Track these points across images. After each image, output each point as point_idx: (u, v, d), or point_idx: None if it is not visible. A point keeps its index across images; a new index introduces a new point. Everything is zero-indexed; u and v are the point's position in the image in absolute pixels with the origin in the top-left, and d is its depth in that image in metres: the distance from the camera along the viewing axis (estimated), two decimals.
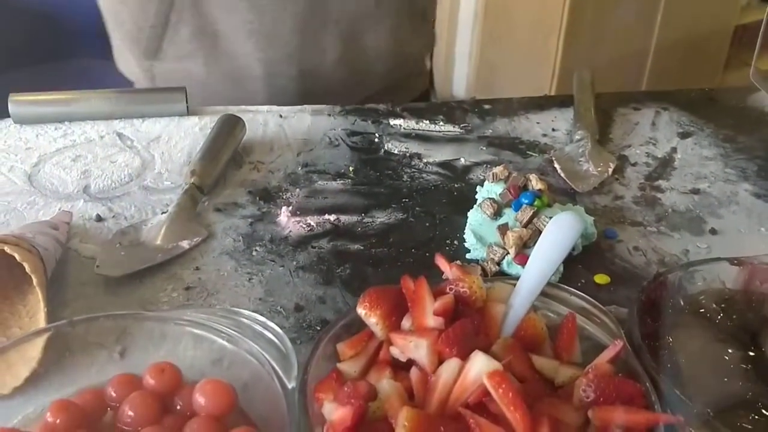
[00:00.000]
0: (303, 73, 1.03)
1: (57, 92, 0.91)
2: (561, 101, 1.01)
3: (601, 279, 0.69)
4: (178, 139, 0.88)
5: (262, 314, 0.63)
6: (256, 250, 0.71)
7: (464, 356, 0.47)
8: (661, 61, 2.62)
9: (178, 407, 0.49)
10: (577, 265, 0.70)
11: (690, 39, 2.56)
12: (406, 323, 0.51)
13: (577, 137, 0.90)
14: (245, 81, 1.02)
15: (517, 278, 0.56)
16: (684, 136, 0.96)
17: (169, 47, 0.99)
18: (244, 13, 0.96)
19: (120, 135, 0.89)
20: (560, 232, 0.55)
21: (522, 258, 0.66)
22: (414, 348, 0.48)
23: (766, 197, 0.84)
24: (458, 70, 2.37)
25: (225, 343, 0.50)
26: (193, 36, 0.98)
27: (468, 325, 0.49)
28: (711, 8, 2.70)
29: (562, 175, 0.85)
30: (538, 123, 0.97)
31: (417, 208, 0.79)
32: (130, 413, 0.47)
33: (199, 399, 0.48)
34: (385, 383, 0.46)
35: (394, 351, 0.49)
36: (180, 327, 0.51)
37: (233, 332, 0.49)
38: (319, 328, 0.62)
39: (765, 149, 0.93)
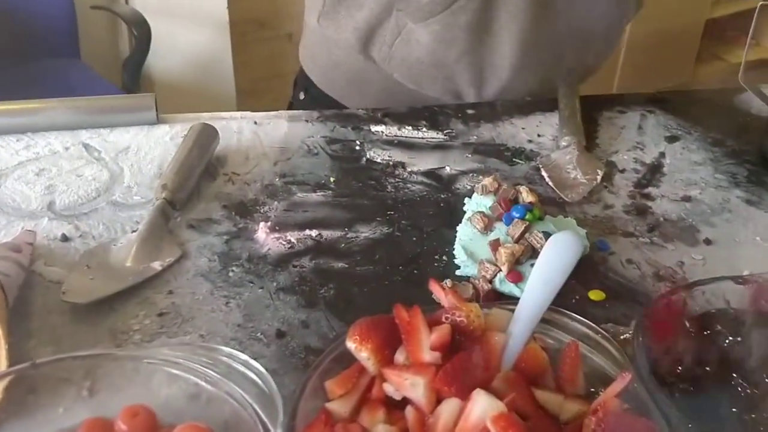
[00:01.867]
0: (541, 81, 1.00)
1: (18, 102, 0.85)
2: (545, 105, 0.98)
3: (595, 295, 0.66)
4: (148, 150, 0.84)
5: (241, 341, 0.60)
6: (233, 270, 0.67)
7: (464, 394, 0.43)
8: (634, 56, 2.62)
9: None
10: (570, 281, 0.66)
11: (662, 33, 2.57)
12: (399, 357, 0.47)
13: (564, 143, 0.87)
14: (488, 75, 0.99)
15: (511, 298, 0.53)
16: (672, 140, 0.94)
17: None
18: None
19: (86, 146, 0.84)
20: (559, 252, 0.52)
21: (515, 275, 0.63)
22: (410, 386, 0.44)
23: (759, 204, 0.82)
24: None
25: (203, 383, 0.46)
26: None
27: (467, 359, 0.45)
28: (682, 2, 2.70)
29: (551, 184, 0.82)
30: (523, 128, 0.94)
31: (403, 221, 0.76)
32: None
33: None
34: (381, 429, 0.42)
35: (388, 388, 0.46)
36: (155, 367, 0.47)
37: (212, 372, 0.45)
38: (302, 356, 0.59)
39: (754, 153, 0.92)
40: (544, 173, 0.84)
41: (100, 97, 0.88)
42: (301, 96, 1.13)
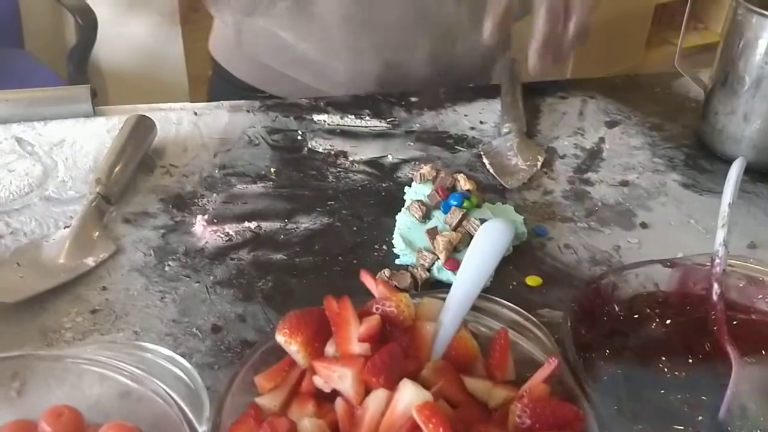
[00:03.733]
0: (388, 65, 0.99)
1: None
2: (488, 92, 0.99)
3: (532, 281, 0.67)
4: (84, 143, 0.82)
5: (176, 337, 0.59)
6: (168, 264, 0.66)
7: (392, 385, 0.43)
8: (582, 59, 2.65)
9: None
10: (508, 267, 0.68)
11: (612, 19, 2.59)
12: (330, 349, 0.47)
13: (505, 130, 0.88)
14: (330, 60, 0.99)
15: (447, 287, 0.53)
16: (611, 125, 0.95)
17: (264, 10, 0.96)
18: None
19: (19, 140, 0.82)
20: (490, 240, 0.52)
21: (452, 263, 0.63)
22: (338, 378, 0.44)
23: (695, 187, 0.84)
24: None
25: (129, 382, 0.45)
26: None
27: (396, 349, 0.45)
28: None
29: (491, 171, 0.82)
30: (465, 116, 0.94)
31: (343, 212, 0.75)
32: None
33: None
34: (307, 423, 0.42)
35: (318, 381, 0.46)
36: (80, 366, 0.46)
37: (137, 370, 0.45)
38: (239, 350, 0.58)
39: (691, 137, 0.93)
40: (485, 160, 0.84)
41: (33, 90, 0.85)
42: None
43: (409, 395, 0.42)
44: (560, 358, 0.46)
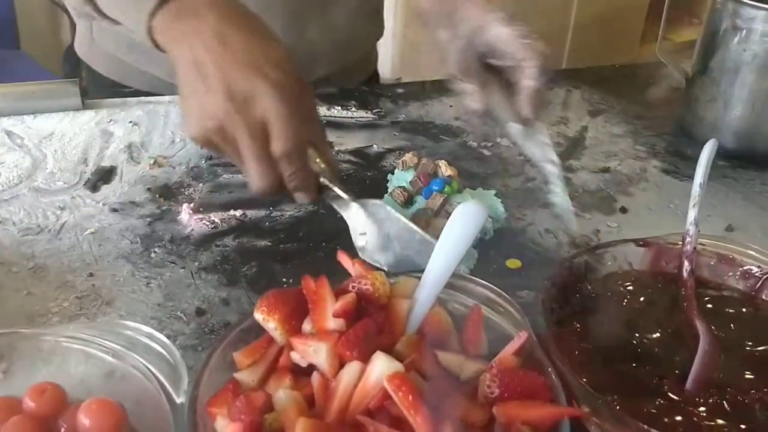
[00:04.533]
0: None
1: None
2: None
3: (512, 263, 0.68)
4: (73, 135, 0.83)
5: (160, 320, 0.60)
6: (155, 251, 0.68)
7: (366, 358, 0.45)
8: (581, 37, 2.66)
9: (62, 431, 0.46)
10: (489, 251, 0.69)
11: (607, 14, 2.61)
12: (307, 326, 0.48)
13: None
14: None
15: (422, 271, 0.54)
16: (594, 114, 0.96)
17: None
18: None
19: (9, 133, 0.83)
20: (464, 221, 0.53)
21: None
22: (314, 353, 0.45)
23: (675, 173, 0.85)
24: (383, 51, 2.35)
25: (111, 358, 0.46)
26: None
27: (370, 325, 0.47)
28: None
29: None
30: (451, 106, 0.95)
31: (328, 200, 0.76)
32: None
33: (84, 420, 0.44)
34: (282, 393, 0.43)
35: (295, 356, 0.47)
36: (63, 345, 0.47)
37: (118, 347, 0.46)
38: (222, 333, 0.59)
39: (673, 125, 0.95)
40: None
41: (22, 84, 0.87)
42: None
43: (381, 367, 0.43)
44: (530, 331, 0.48)
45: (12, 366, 0.51)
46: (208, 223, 0.72)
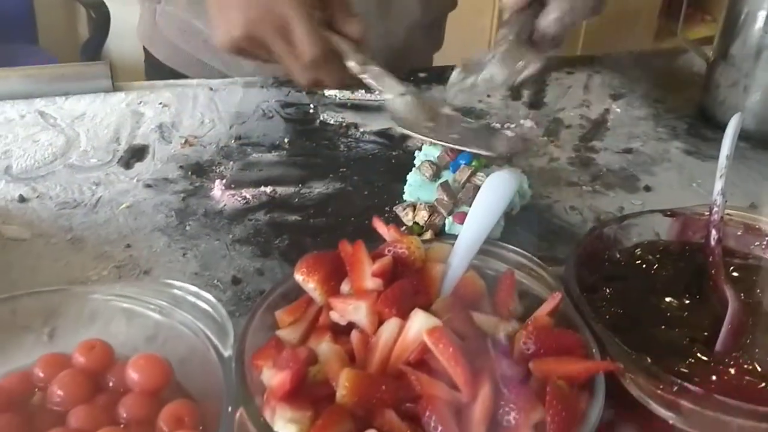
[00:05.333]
0: None
1: None
2: None
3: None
4: (104, 116, 0.85)
5: (198, 288, 0.62)
6: (189, 224, 0.69)
7: (404, 316, 0.46)
8: (593, 39, 2.67)
9: (111, 384, 0.47)
10: (514, 227, 0.71)
11: (620, 12, 2.61)
12: (345, 288, 0.49)
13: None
14: None
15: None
16: (616, 98, 0.97)
17: None
18: None
19: (42, 114, 0.85)
20: (496, 189, 0.55)
21: (461, 216, 0.66)
22: (353, 310, 0.47)
23: (697, 154, 0.86)
24: None
25: (157, 316, 0.48)
26: None
27: (407, 285, 0.48)
28: None
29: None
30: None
31: (355, 177, 0.78)
32: (60, 393, 0.45)
33: (132, 374, 0.46)
34: (325, 346, 0.45)
35: (334, 315, 0.48)
36: (109, 303, 0.48)
37: (165, 304, 0.47)
38: (258, 300, 0.61)
39: (693, 109, 0.95)
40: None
41: (53, 65, 0.88)
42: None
43: (420, 322, 0.44)
44: (563, 293, 0.49)
45: (59, 325, 0.52)
46: (240, 199, 0.73)
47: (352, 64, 0.68)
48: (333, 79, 0.69)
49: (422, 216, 0.67)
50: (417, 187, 0.70)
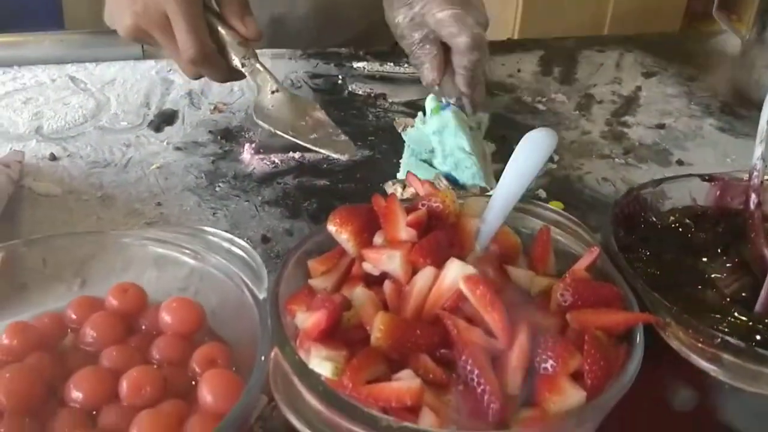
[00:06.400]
0: (273, 19, 0.99)
1: (5, 35, 0.86)
2: (525, 45, 1.00)
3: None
4: (134, 82, 0.85)
5: None
6: (219, 186, 0.69)
7: (438, 266, 0.45)
8: (621, 15, 2.64)
9: (144, 328, 0.47)
10: (547, 200, 0.70)
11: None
12: (378, 240, 0.49)
13: None
14: None
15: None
16: (648, 75, 0.96)
17: None
18: None
19: (73, 78, 0.85)
20: (533, 147, 0.54)
21: None
22: (387, 260, 0.46)
23: (731, 131, 0.85)
24: None
25: (191, 261, 0.48)
26: None
27: (441, 236, 0.47)
28: None
29: None
30: (503, 64, 0.96)
31: (383, 146, 0.78)
32: (93, 334, 0.45)
33: (165, 317, 0.46)
34: (359, 291, 0.44)
35: (367, 266, 0.47)
36: (143, 248, 0.48)
37: (200, 249, 0.47)
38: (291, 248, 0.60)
39: (728, 87, 0.94)
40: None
41: (84, 31, 0.89)
42: None
43: (455, 270, 0.43)
44: (601, 248, 0.48)
45: (91, 274, 0.52)
46: (268, 163, 0.73)
47: (232, 58, 0.69)
48: (215, 75, 0.70)
49: (411, 193, 0.66)
50: (412, 167, 0.70)
